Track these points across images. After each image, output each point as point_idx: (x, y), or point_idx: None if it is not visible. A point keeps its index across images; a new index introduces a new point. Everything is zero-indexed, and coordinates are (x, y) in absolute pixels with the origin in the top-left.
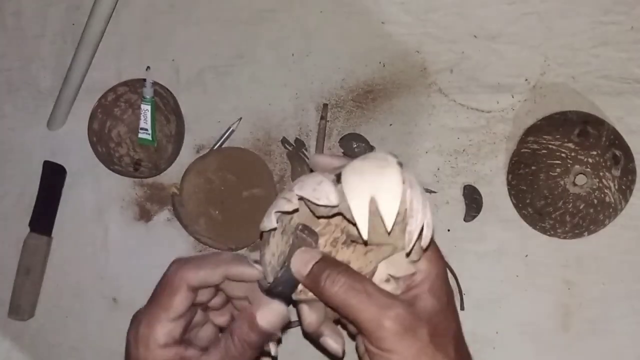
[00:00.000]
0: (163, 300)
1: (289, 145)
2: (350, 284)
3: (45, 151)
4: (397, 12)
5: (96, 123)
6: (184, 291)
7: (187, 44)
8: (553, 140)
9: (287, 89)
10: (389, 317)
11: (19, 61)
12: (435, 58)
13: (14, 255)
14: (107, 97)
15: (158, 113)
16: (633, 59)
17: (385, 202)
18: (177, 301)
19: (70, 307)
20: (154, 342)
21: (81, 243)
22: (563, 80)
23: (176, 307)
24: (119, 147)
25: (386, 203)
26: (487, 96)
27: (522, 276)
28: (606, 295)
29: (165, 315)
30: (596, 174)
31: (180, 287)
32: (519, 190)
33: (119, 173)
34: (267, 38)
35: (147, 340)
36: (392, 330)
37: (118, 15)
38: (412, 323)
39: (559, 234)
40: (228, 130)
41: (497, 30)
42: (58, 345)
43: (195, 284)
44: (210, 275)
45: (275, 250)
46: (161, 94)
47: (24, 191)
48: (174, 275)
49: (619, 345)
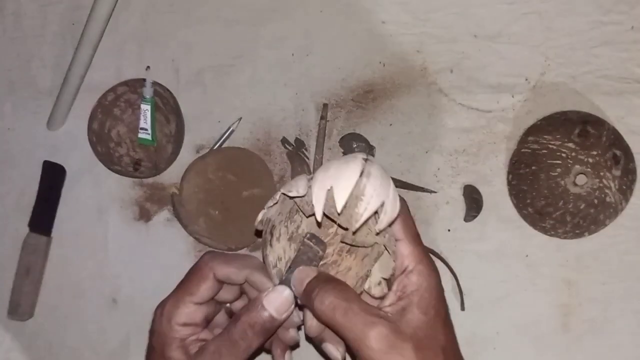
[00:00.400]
0: (191, 285)
1: (289, 145)
2: (336, 303)
3: (45, 151)
4: (397, 12)
5: (96, 123)
6: (211, 280)
7: (187, 44)
8: (553, 140)
9: (287, 89)
10: (372, 336)
11: (19, 61)
12: (435, 58)
13: (14, 255)
14: (107, 97)
15: (158, 113)
16: (633, 59)
17: (338, 189)
18: (202, 287)
19: (70, 307)
20: (175, 319)
21: (81, 243)
22: (563, 80)
23: (201, 293)
24: (118, 147)
25: (338, 190)
26: (487, 96)
27: (522, 276)
28: (606, 295)
29: (190, 298)
30: (596, 174)
31: (207, 275)
32: (519, 190)
33: (119, 173)
34: (267, 38)
35: (170, 316)
36: (376, 348)
37: (118, 15)
38: (395, 340)
39: (559, 234)
40: (228, 130)
41: (497, 30)
42: (58, 345)
43: (222, 276)
44: (235, 273)
45: (282, 255)
46: (161, 94)
47: (23, 191)
48: (204, 264)
49: (619, 345)
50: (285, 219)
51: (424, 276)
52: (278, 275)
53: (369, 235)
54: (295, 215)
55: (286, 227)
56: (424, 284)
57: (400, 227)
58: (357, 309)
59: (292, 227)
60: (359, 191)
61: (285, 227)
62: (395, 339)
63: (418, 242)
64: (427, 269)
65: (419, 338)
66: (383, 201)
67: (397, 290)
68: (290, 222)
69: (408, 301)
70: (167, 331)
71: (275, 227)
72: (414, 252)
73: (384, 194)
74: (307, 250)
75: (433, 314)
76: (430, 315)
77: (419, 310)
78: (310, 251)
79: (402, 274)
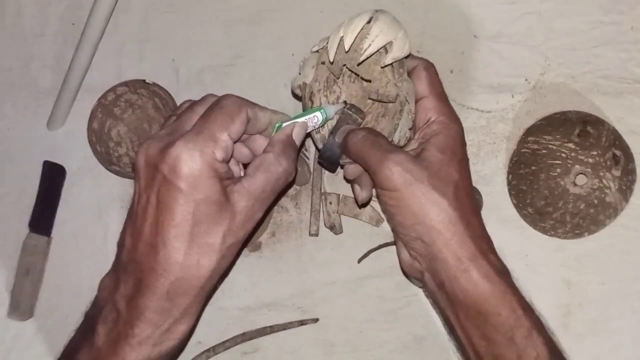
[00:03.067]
0: (224, 119)
1: None
2: (367, 136)
3: (45, 151)
4: (397, 12)
5: (96, 122)
6: (244, 116)
7: (187, 44)
8: (553, 140)
9: (287, 89)
10: (392, 159)
11: (19, 61)
12: (435, 58)
13: (14, 255)
14: (107, 97)
15: (158, 114)
16: (633, 59)
17: (347, 33)
18: (237, 122)
19: (70, 307)
20: (213, 156)
21: (81, 243)
22: (563, 80)
23: (236, 128)
24: (118, 147)
25: (347, 33)
26: (487, 96)
27: (522, 276)
28: (606, 295)
29: (224, 134)
30: (596, 174)
31: (240, 112)
32: (519, 190)
33: (117, 174)
34: (267, 38)
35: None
36: (393, 169)
37: (118, 15)
38: (411, 166)
39: (559, 234)
40: None
41: (497, 30)
42: (58, 345)
43: (251, 114)
44: (262, 114)
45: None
46: (160, 95)
47: (23, 191)
48: (232, 102)
49: (619, 345)
50: (324, 87)
51: (444, 124)
52: (322, 140)
53: (389, 85)
54: (333, 85)
55: (326, 96)
56: (444, 130)
57: (427, 85)
58: (383, 142)
59: (332, 98)
60: (365, 33)
61: (325, 96)
62: (411, 164)
63: (442, 97)
64: (448, 119)
65: (433, 170)
66: (390, 41)
67: (419, 138)
68: (329, 92)
69: (427, 144)
70: (202, 168)
71: (315, 95)
72: (438, 105)
73: (391, 34)
74: (346, 118)
75: (449, 154)
76: (447, 154)
77: (435, 149)
78: (349, 119)
79: (426, 124)
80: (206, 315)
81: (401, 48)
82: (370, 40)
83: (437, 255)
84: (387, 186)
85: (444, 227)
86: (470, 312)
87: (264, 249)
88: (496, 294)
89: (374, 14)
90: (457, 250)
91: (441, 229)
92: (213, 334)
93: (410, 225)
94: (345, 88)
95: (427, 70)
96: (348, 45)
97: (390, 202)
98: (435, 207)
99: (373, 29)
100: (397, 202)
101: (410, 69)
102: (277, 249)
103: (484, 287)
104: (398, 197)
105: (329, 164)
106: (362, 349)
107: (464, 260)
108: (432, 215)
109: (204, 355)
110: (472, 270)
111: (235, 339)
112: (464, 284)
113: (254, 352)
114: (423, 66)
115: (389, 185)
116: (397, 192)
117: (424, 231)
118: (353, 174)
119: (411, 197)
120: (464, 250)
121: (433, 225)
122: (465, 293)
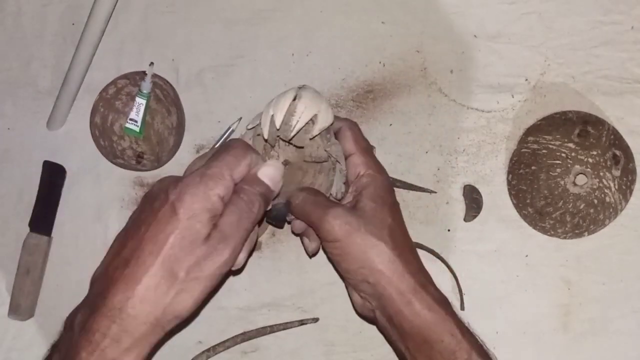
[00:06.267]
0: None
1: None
2: (307, 197)
3: (45, 151)
4: (397, 12)
5: (98, 116)
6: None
7: (187, 44)
8: (553, 140)
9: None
10: (331, 214)
11: (19, 61)
12: (435, 58)
13: (14, 255)
14: (108, 91)
15: (159, 105)
16: (633, 59)
17: (276, 113)
18: (242, 164)
19: (70, 307)
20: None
21: (81, 243)
22: (563, 80)
23: (241, 169)
24: (121, 140)
25: (276, 113)
26: (487, 96)
27: (522, 276)
28: (606, 295)
29: (229, 174)
30: (596, 174)
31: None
32: (519, 190)
33: (122, 166)
34: (267, 38)
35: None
36: (333, 223)
37: (118, 15)
38: (349, 217)
39: (559, 234)
40: (228, 130)
41: (497, 30)
42: None
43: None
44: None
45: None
46: (161, 86)
47: (23, 191)
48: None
49: (619, 345)
50: (263, 154)
51: (372, 177)
52: None
53: (319, 149)
54: (271, 151)
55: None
56: (372, 182)
57: (352, 143)
58: (321, 199)
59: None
60: (292, 110)
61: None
62: (350, 217)
63: (367, 152)
64: (375, 172)
65: (368, 218)
66: (315, 114)
67: (353, 191)
68: (268, 157)
69: (360, 196)
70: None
71: None
72: (364, 160)
73: (314, 108)
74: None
75: (380, 202)
76: (378, 203)
77: (368, 199)
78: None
79: (356, 178)
80: (206, 315)
81: (325, 119)
82: (297, 117)
83: (382, 293)
84: (330, 238)
85: (385, 266)
86: (417, 341)
87: (264, 249)
88: (437, 322)
89: (297, 91)
90: (399, 286)
91: (383, 269)
92: (213, 334)
93: (355, 270)
94: (282, 152)
95: (351, 130)
96: (279, 123)
97: (335, 251)
98: (375, 250)
99: (298, 107)
100: (341, 251)
101: (336, 130)
102: (277, 249)
103: (426, 316)
104: (341, 247)
105: (277, 222)
106: (362, 349)
107: (406, 294)
108: (373, 257)
109: (204, 354)
110: (414, 302)
111: (236, 339)
112: (409, 316)
113: (254, 351)
114: (347, 126)
115: (331, 237)
116: (340, 242)
117: (368, 273)
118: (300, 229)
119: (352, 245)
120: (405, 285)
121: (375, 267)
122: (411, 324)
